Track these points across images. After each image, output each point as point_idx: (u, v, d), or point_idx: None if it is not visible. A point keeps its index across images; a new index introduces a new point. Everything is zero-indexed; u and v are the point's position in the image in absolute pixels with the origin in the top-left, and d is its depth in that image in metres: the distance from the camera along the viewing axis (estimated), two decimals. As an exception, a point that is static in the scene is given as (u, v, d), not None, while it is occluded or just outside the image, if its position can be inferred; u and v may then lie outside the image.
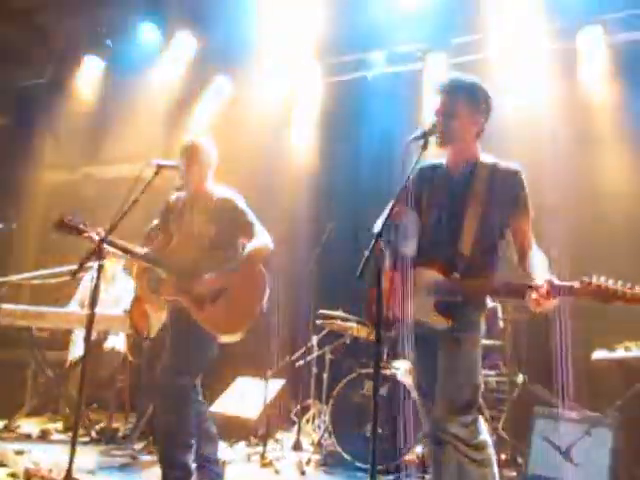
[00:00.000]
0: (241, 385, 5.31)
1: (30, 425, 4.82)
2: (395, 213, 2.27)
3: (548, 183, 5.42)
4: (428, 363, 2.46)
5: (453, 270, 2.40)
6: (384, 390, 4.17)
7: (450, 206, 2.52)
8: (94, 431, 4.65)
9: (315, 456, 4.44)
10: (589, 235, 4.97)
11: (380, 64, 6.48)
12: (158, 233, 3.41)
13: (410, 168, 2.31)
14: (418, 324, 2.42)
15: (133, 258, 3.26)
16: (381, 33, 6.14)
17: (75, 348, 5.06)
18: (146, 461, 4.05)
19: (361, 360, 4.63)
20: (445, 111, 2.50)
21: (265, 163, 7.00)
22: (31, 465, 3.50)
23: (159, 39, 6.66)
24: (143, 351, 4.89)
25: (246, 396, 5.06)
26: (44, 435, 4.65)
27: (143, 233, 3.46)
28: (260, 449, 4.38)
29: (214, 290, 3.15)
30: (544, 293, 2.13)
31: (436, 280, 2.42)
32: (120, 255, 3.28)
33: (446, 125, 2.48)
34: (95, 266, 2.96)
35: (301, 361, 5.21)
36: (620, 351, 3.93)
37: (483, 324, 2.49)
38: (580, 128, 5.48)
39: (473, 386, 2.37)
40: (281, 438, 4.94)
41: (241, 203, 3.32)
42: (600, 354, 4.08)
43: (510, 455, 4.19)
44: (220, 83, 7.05)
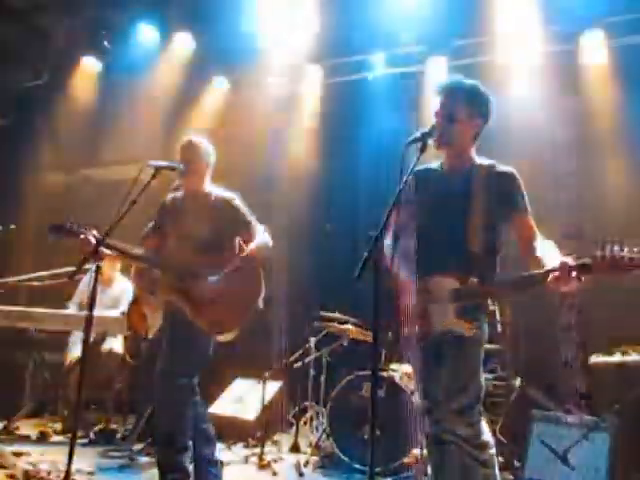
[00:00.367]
0: (239, 387, 5.31)
1: (29, 427, 4.82)
2: (394, 216, 2.27)
3: (548, 183, 5.44)
4: (431, 364, 2.46)
5: (467, 272, 2.39)
6: (382, 392, 4.18)
7: (451, 208, 2.52)
8: (93, 433, 4.65)
9: (313, 458, 4.44)
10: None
11: (381, 66, 6.49)
12: (154, 234, 3.41)
13: (409, 170, 2.31)
14: (437, 333, 2.42)
15: (130, 259, 3.25)
16: (382, 35, 6.15)
17: (73, 350, 5.06)
18: (144, 462, 4.05)
19: (359, 362, 4.63)
20: (445, 113, 2.51)
21: (264, 164, 7.00)
22: (30, 467, 3.50)
23: (158, 40, 6.66)
24: (141, 352, 4.90)
25: (244, 398, 5.07)
26: (43, 437, 4.65)
27: (141, 234, 3.46)
28: (258, 451, 4.38)
29: (212, 291, 3.15)
30: (565, 272, 2.11)
31: (454, 286, 2.40)
32: (118, 256, 3.27)
33: (445, 127, 2.49)
34: (93, 268, 2.95)
35: (299, 363, 5.22)
36: (618, 355, 3.93)
37: (486, 325, 2.50)
38: (580, 131, 5.49)
39: (477, 386, 2.37)
40: (279, 440, 4.94)
41: (239, 202, 3.32)
42: (598, 358, 4.08)
43: (507, 459, 4.18)
44: (219, 84, 7.06)
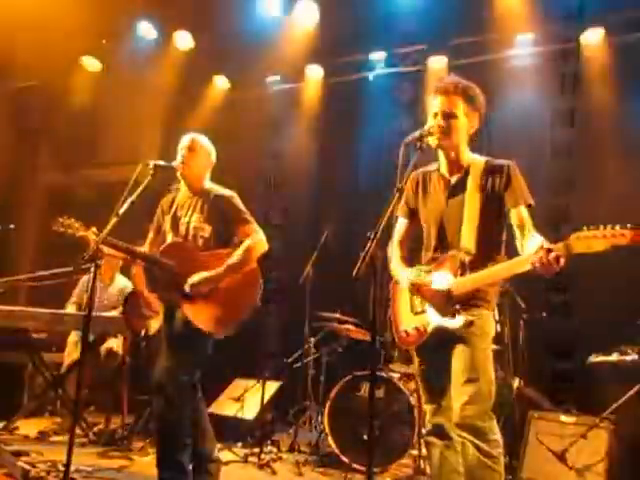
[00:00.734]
0: (238, 386, 5.31)
1: (28, 426, 4.81)
2: (392, 216, 2.29)
3: (547, 183, 5.44)
4: (439, 363, 2.47)
5: (463, 270, 2.42)
6: (381, 392, 4.19)
7: (449, 207, 2.54)
8: (92, 432, 4.65)
9: (312, 457, 4.45)
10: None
11: (381, 65, 6.50)
12: (154, 233, 3.42)
13: (407, 170, 2.34)
14: (436, 330, 2.44)
15: (130, 257, 3.26)
16: (382, 34, 6.16)
17: (72, 350, 5.06)
18: (144, 462, 4.05)
19: (358, 362, 4.63)
20: (444, 112, 2.53)
21: (264, 164, 7.01)
22: (29, 467, 3.50)
23: (157, 39, 6.66)
24: (140, 352, 4.90)
25: (243, 397, 5.06)
26: (42, 436, 4.66)
27: (140, 233, 3.47)
28: (257, 450, 4.39)
29: (210, 290, 3.15)
30: (544, 253, 2.11)
31: (450, 282, 2.42)
32: (117, 255, 3.27)
33: (443, 126, 2.50)
34: (92, 267, 2.95)
35: (298, 363, 5.22)
36: (616, 355, 3.93)
37: (494, 322, 2.52)
38: (581, 130, 5.49)
39: (489, 381, 2.37)
40: (278, 439, 4.94)
41: (237, 201, 3.33)
42: (596, 358, 4.08)
43: (505, 458, 4.18)
44: (218, 83, 7.06)
